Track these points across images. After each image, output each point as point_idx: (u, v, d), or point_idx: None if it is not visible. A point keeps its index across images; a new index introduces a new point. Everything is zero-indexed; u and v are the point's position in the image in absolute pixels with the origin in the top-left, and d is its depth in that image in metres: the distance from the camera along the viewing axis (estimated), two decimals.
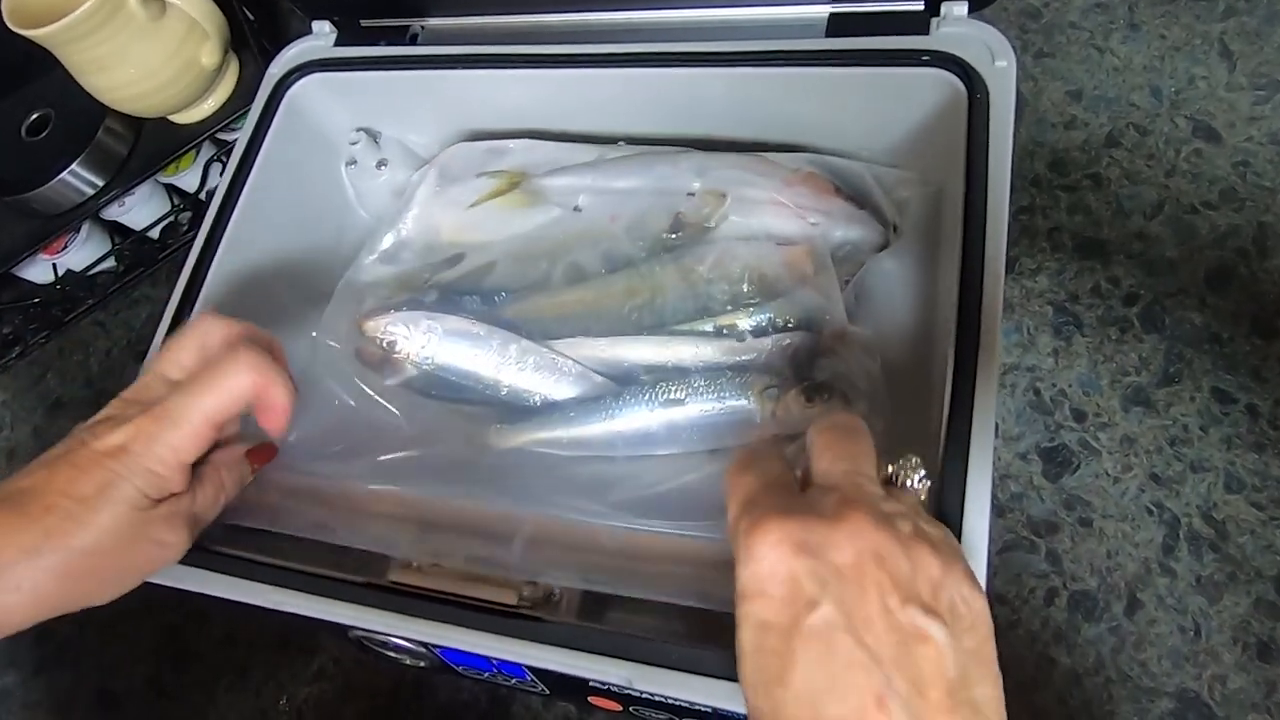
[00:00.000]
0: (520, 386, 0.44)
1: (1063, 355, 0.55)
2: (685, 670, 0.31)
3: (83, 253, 0.71)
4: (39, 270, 0.71)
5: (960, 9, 0.43)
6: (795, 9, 0.46)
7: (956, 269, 0.37)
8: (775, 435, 0.41)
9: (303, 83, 0.53)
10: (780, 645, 0.25)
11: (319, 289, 0.51)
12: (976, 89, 0.40)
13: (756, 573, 0.26)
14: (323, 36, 0.55)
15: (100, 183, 0.68)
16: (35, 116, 0.70)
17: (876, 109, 0.46)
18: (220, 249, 0.48)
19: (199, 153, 0.71)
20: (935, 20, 0.43)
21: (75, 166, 0.66)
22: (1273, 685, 0.46)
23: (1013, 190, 0.38)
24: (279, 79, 0.53)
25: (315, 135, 0.55)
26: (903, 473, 0.29)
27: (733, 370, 0.42)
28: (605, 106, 0.51)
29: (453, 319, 0.45)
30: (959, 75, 0.41)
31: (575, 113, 0.52)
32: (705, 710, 0.34)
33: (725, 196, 0.46)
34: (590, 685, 0.36)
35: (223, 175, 0.50)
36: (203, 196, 0.73)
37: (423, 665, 0.42)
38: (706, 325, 0.44)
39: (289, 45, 0.55)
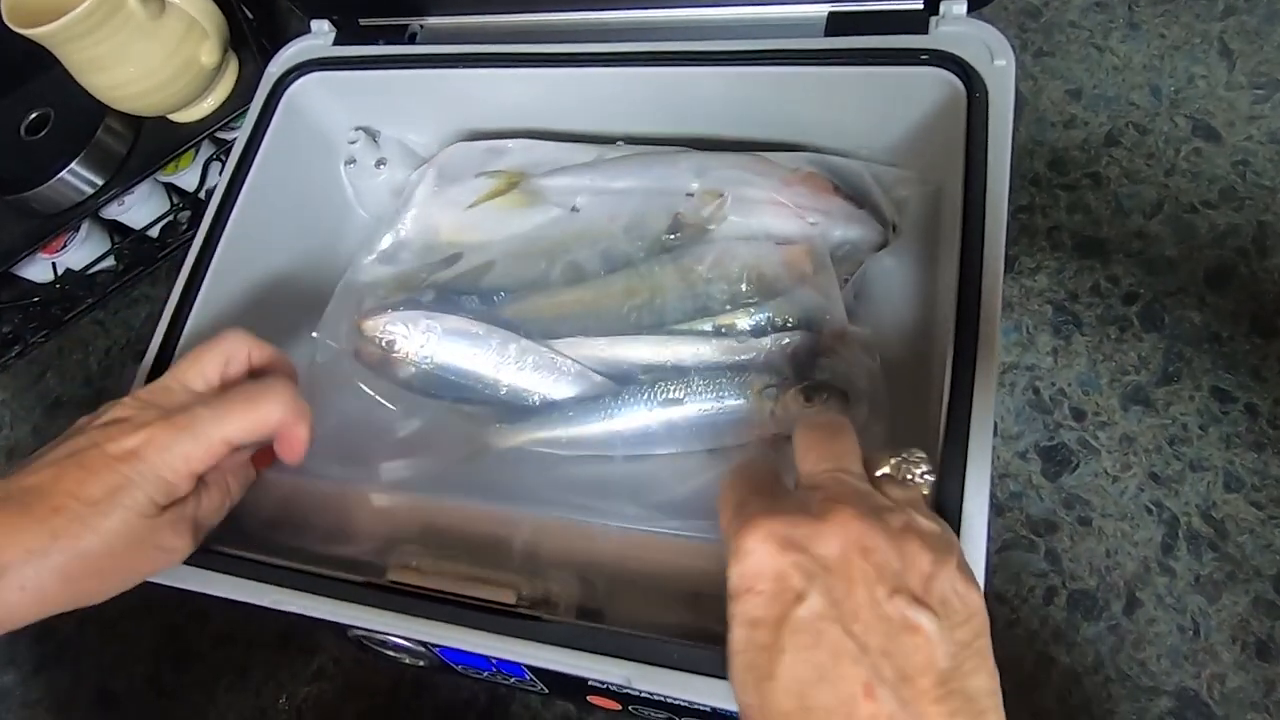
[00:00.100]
0: (519, 386, 0.44)
1: (1062, 354, 0.55)
2: (684, 670, 0.31)
3: (82, 252, 0.71)
4: (38, 269, 0.71)
5: (959, 8, 0.43)
6: (794, 8, 0.46)
7: (955, 268, 0.37)
8: (774, 434, 0.41)
9: (302, 82, 0.53)
10: (769, 639, 0.25)
11: (318, 288, 0.51)
12: (975, 88, 0.40)
13: (744, 570, 0.26)
14: (322, 35, 0.55)
15: (99, 182, 0.68)
16: (34, 115, 0.70)
17: (875, 108, 0.46)
18: (219, 248, 0.48)
19: (198, 152, 0.71)
20: (934, 19, 0.43)
21: (74, 165, 0.66)
22: (1271, 684, 0.46)
23: (1012, 189, 0.38)
24: (278, 78, 0.53)
25: (314, 134, 0.55)
26: (904, 467, 0.29)
27: (732, 370, 0.42)
28: (604, 106, 0.51)
29: (452, 318, 0.45)
30: (958, 74, 0.41)
31: (574, 112, 0.52)
32: (704, 709, 0.34)
33: (724, 196, 0.46)
34: (589, 684, 0.36)
35: (222, 174, 0.50)
36: (202, 195, 0.73)
37: (422, 664, 0.42)
38: (705, 325, 0.44)
39: (288, 44, 0.55)
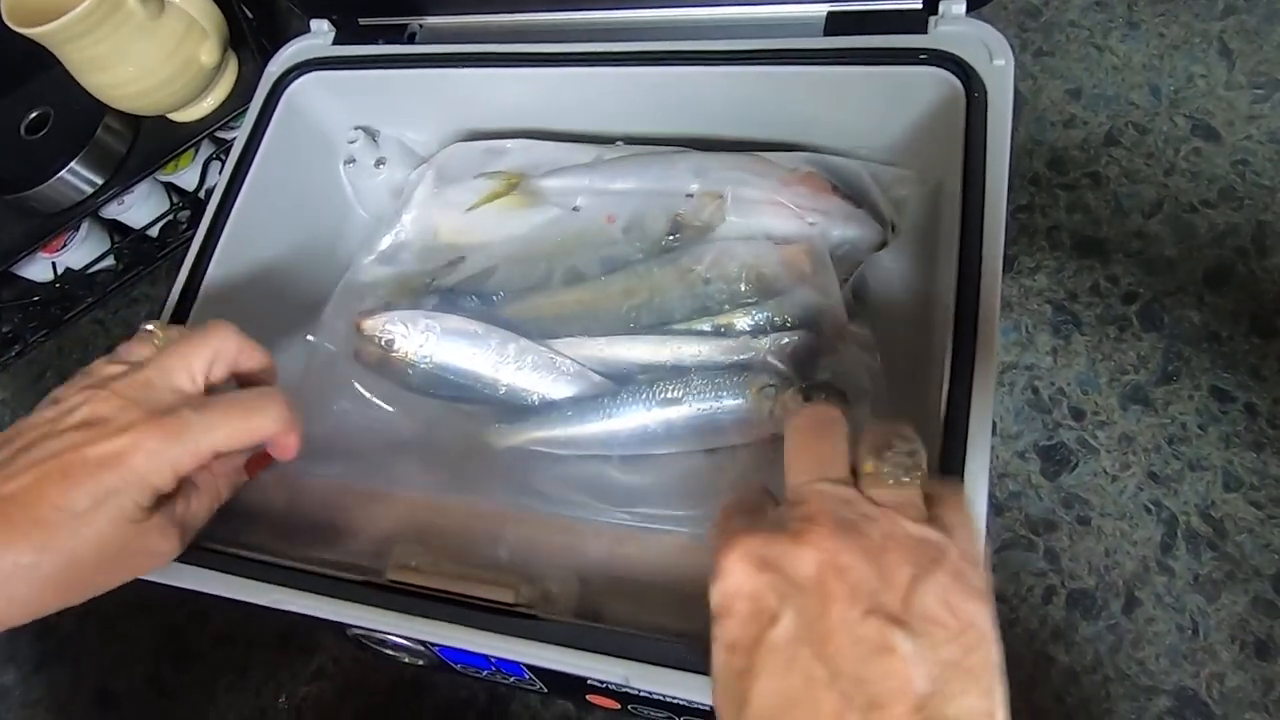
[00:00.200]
0: (518, 385, 0.44)
1: (1061, 354, 0.55)
2: (683, 669, 0.31)
3: (82, 251, 0.71)
4: (38, 269, 0.71)
5: (958, 8, 0.43)
6: (794, 7, 0.46)
7: (954, 267, 0.36)
8: (773, 434, 0.41)
9: (301, 81, 0.53)
10: (744, 664, 0.24)
11: (317, 287, 0.51)
12: (974, 88, 0.40)
13: (723, 590, 0.25)
14: (321, 35, 0.55)
15: (99, 181, 0.68)
16: (34, 115, 0.70)
17: (875, 108, 0.46)
18: (219, 247, 0.48)
19: (198, 151, 0.71)
20: (933, 19, 0.43)
21: (74, 165, 0.66)
22: (1270, 683, 0.46)
23: (1011, 189, 0.38)
24: (277, 77, 0.53)
25: (314, 134, 0.55)
26: (891, 461, 0.27)
27: (731, 369, 0.42)
28: (603, 105, 0.51)
29: (451, 318, 0.45)
30: (957, 74, 0.41)
31: (573, 111, 0.52)
32: (704, 708, 0.34)
33: (724, 197, 0.46)
34: (588, 683, 0.36)
35: (221, 173, 0.50)
36: (202, 195, 0.73)
37: (421, 663, 0.42)
38: (705, 325, 0.44)
39: (287, 44, 0.55)
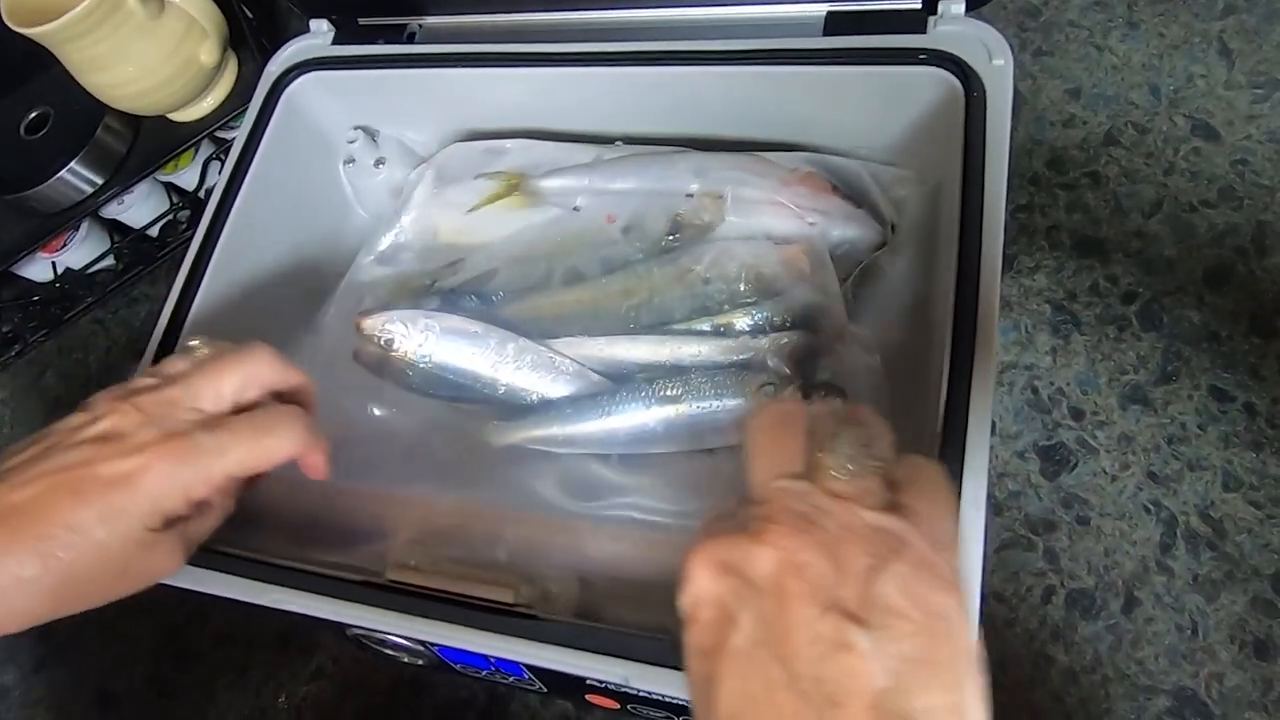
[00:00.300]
0: (517, 384, 0.44)
1: (1061, 353, 0.55)
2: (683, 669, 0.31)
3: (82, 251, 0.71)
4: (38, 268, 0.71)
5: (958, 7, 0.43)
6: (793, 7, 0.46)
7: (954, 267, 0.36)
8: None
9: (301, 81, 0.53)
10: (709, 670, 0.24)
11: (317, 287, 0.52)
12: (973, 87, 0.40)
13: (688, 597, 0.25)
14: (321, 35, 0.55)
15: (99, 181, 0.68)
16: (34, 115, 0.70)
17: (874, 108, 0.46)
18: (218, 247, 0.48)
19: (198, 151, 0.71)
20: (932, 19, 0.43)
21: (74, 164, 0.66)
22: (1269, 683, 0.46)
23: (1011, 189, 0.38)
24: (277, 77, 0.53)
25: (313, 133, 0.55)
26: (840, 458, 0.26)
27: (730, 369, 0.42)
28: (603, 105, 0.51)
29: (450, 317, 0.45)
30: (956, 74, 0.41)
31: (573, 111, 0.52)
32: None
33: (723, 197, 0.46)
34: (588, 683, 0.36)
35: (221, 173, 0.50)
36: (202, 194, 0.73)
37: (421, 663, 0.42)
38: (705, 325, 0.44)
39: (287, 43, 0.55)
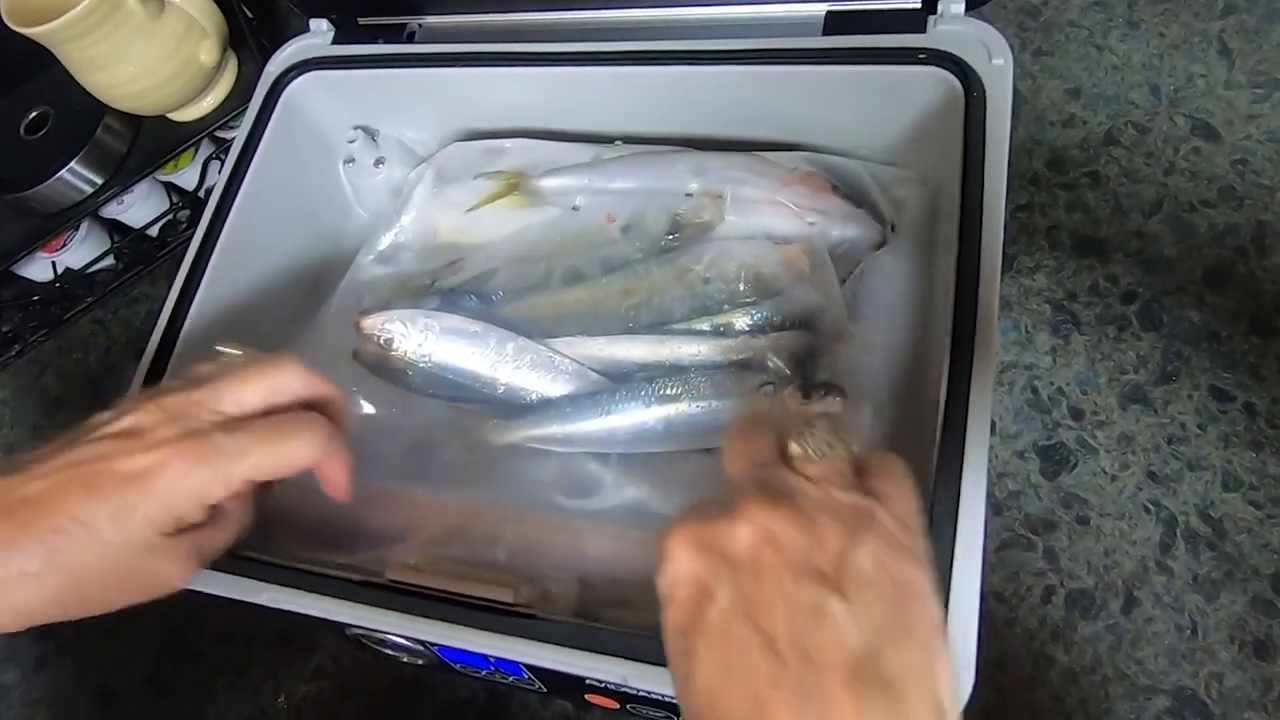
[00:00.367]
0: (517, 384, 0.44)
1: (1060, 353, 0.55)
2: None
3: (82, 251, 0.71)
4: (38, 268, 0.71)
5: (957, 7, 0.43)
6: (793, 7, 0.46)
7: (953, 267, 0.37)
8: None
9: (300, 81, 0.53)
10: (688, 646, 0.25)
11: (317, 286, 0.52)
12: (973, 87, 0.40)
13: (667, 577, 0.26)
14: (320, 34, 0.55)
15: (99, 181, 0.68)
16: (34, 114, 0.70)
17: (874, 107, 0.46)
18: (218, 246, 0.48)
19: (198, 150, 0.71)
20: (932, 18, 0.43)
21: (74, 164, 0.66)
22: (1269, 683, 0.46)
23: (1011, 188, 0.38)
24: (277, 77, 0.53)
25: (313, 133, 0.55)
26: (810, 446, 0.27)
27: (729, 368, 0.42)
28: (602, 105, 0.51)
29: (450, 317, 0.45)
30: (955, 74, 0.41)
31: (572, 111, 0.52)
32: None
33: (723, 197, 0.46)
34: (588, 683, 0.36)
35: (221, 173, 0.50)
36: (201, 194, 0.73)
37: (421, 663, 0.42)
38: (704, 324, 0.44)
39: (287, 43, 0.55)
